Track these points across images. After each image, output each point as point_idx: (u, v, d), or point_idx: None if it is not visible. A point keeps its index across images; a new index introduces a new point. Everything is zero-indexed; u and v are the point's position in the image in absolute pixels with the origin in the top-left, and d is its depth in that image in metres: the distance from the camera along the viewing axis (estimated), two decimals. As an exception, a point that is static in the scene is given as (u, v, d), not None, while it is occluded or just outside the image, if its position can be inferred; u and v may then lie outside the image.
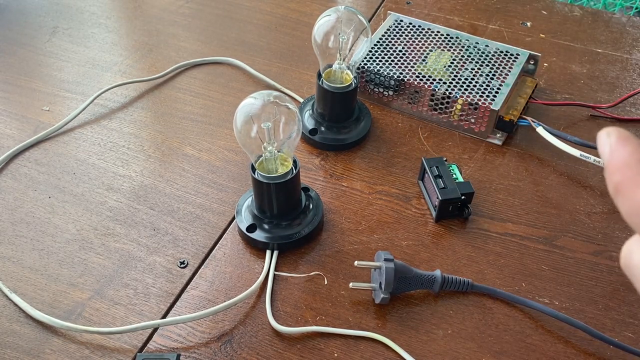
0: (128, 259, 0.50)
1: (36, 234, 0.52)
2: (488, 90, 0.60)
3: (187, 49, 0.73)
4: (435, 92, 0.60)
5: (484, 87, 0.60)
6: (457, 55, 0.64)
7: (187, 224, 0.53)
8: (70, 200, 0.55)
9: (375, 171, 0.58)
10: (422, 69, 0.62)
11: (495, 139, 0.61)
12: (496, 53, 0.64)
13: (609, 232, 0.52)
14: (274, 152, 0.48)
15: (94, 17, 0.79)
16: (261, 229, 0.51)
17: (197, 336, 0.45)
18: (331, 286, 0.48)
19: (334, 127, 0.60)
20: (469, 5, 0.80)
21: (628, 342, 0.45)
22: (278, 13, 0.80)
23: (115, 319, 0.46)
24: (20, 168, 0.58)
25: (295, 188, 0.51)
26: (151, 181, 0.57)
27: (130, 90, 0.67)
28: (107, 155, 0.60)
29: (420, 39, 0.66)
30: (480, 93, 0.60)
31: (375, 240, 0.52)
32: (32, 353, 0.44)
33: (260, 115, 0.46)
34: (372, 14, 0.79)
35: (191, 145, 0.61)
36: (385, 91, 0.63)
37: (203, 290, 0.48)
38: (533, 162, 0.59)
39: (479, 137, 0.61)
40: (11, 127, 0.63)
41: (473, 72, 0.62)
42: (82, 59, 0.72)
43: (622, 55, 0.72)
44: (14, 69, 0.70)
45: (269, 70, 0.70)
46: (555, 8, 0.79)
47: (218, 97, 0.67)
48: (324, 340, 0.45)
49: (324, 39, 0.56)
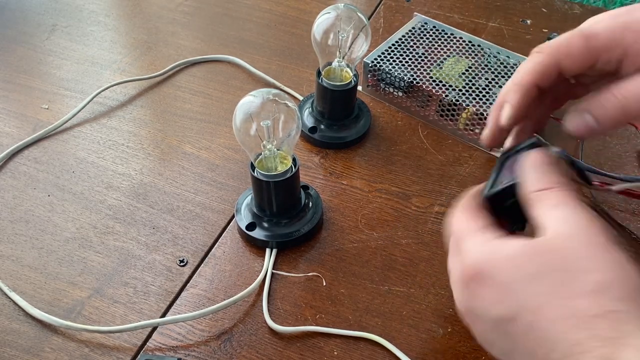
0: (127, 258, 0.50)
1: (35, 232, 0.52)
2: None
3: (186, 47, 0.73)
4: (444, 98, 0.59)
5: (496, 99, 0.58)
6: (474, 64, 0.63)
7: (187, 222, 0.53)
8: (70, 199, 0.55)
9: (375, 169, 0.58)
10: (436, 74, 0.62)
11: (498, 153, 0.59)
12: (515, 65, 0.62)
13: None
14: (274, 150, 0.48)
15: (93, 15, 0.78)
16: (261, 227, 0.51)
17: (197, 334, 0.45)
18: (331, 284, 0.48)
19: (334, 125, 0.60)
20: (469, 2, 0.80)
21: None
22: (277, 11, 0.79)
23: (115, 318, 0.46)
24: (20, 166, 0.58)
25: (295, 186, 0.51)
26: (150, 179, 0.57)
27: (129, 88, 0.67)
28: (107, 154, 0.59)
29: (441, 43, 0.65)
30: (490, 104, 0.58)
31: (375, 238, 0.52)
32: (31, 351, 0.44)
33: (259, 113, 0.46)
34: (372, 12, 0.79)
35: (190, 144, 0.61)
36: (396, 91, 0.63)
37: (202, 289, 0.48)
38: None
39: (482, 148, 0.60)
40: (10, 125, 0.62)
41: (487, 81, 0.61)
42: (81, 57, 0.72)
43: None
44: (13, 67, 0.70)
45: (269, 68, 0.69)
46: (555, 5, 0.79)
47: (217, 95, 0.66)
48: (323, 339, 0.45)
49: (323, 36, 0.56)
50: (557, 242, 0.30)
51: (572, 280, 0.28)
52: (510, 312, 0.30)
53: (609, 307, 0.27)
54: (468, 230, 0.33)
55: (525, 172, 0.33)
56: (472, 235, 0.33)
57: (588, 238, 0.29)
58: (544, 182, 0.32)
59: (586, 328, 0.27)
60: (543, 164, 0.33)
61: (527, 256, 0.30)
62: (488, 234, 0.33)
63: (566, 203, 0.31)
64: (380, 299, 0.47)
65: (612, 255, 0.29)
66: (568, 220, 0.30)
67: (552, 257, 0.29)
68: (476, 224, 0.34)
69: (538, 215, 0.32)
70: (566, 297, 0.28)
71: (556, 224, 0.30)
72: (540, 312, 0.29)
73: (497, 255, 0.31)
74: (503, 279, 0.30)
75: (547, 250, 0.30)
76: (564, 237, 0.30)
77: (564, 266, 0.29)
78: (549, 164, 0.33)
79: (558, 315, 0.28)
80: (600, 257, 0.29)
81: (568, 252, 0.29)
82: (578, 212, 0.30)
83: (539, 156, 0.33)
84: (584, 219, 0.30)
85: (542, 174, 0.33)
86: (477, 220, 0.34)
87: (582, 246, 0.29)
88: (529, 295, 0.29)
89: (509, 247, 0.31)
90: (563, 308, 0.28)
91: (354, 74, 0.58)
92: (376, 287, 0.48)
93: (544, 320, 0.28)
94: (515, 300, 0.29)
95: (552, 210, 0.31)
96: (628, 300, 0.27)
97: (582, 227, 0.30)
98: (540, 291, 0.29)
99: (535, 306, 0.29)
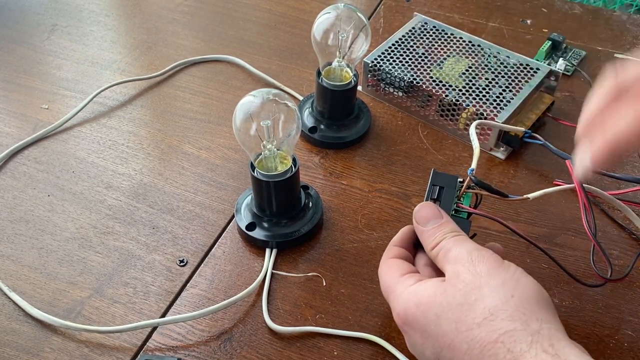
0: (127, 258, 0.50)
1: (35, 232, 0.52)
2: (498, 102, 0.58)
3: (186, 47, 0.73)
4: (444, 98, 0.59)
5: (495, 99, 0.58)
6: (474, 64, 0.62)
7: (187, 222, 0.53)
8: (70, 199, 0.55)
9: (374, 169, 0.58)
10: (436, 74, 0.61)
11: (498, 152, 0.59)
12: (515, 65, 0.62)
13: (608, 230, 0.52)
14: (274, 150, 0.48)
15: (93, 15, 0.78)
16: (261, 227, 0.51)
17: (197, 335, 0.45)
18: (331, 284, 0.48)
19: (334, 125, 0.60)
20: (469, 2, 0.80)
21: (628, 339, 0.45)
22: (277, 11, 0.79)
23: (115, 318, 0.46)
24: (19, 166, 0.58)
25: (295, 186, 0.50)
26: (150, 179, 0.57)
27: (129, 88, 0.67)
28: (106, 154, 0.59)
29: (441, 43, 0.65)
30: (489, 104, 0.58)
31: (375, 238, 0.52)
32: (31, 351, 0.44)
33: (259, 113, 0.46)
34: (372, 12, 0.79)
35: (190, 144, 0.61)
36: (396, 91, 0.63)
37: (202, 289, 0.48)
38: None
39: (482, 148, 0.59)
40: (10, 125, 0.62)
41: (487, 81, 0.60)
42: (81, 57, 0.72)
43: (623, 53, 0.71)
44: (13, 67, 0.70)
45: (269, 68, 0.69)
46: (555, 5, 0.79)
47: (217, 95, 0.66)
48: (323, 339, 0.45)
49: (323, 36, 0.56)
50: (454, 279, 0.35)
51: (469, 311, 0.33)
52: (434, 352, 0.35)
53: (501, 330, 0.31)
54: (391, 282, 0.39)
55: (420, 233, 0.40)
56: (394, 287, 0.38)
57: (475, 269, 0.34)
58: (431, 241, 0.38)
59: (490, 355, 0.31)
60: (428, 222, 0.39)
61: (432, 297, 0.35)
62: (406, 282, 0.38)
63: (452, 247, 0.37)
64: (380, 299, 0.47)
65: (496, 278, 0.34)
66: (458, 261, 0.35)
67: (452, 293, 0.34)
68: (396, 274, 0.39)
69: (440, 266, 0.37)
70: (466, 330, 0.32)
71: (451, 267, 0.36)
72: (453, 348, 0.33)
73: (411, 303, 0.36)
74: (421, 324, 0.35)
75: (448, 287, 0.34)
76: (457, 276, 0.35)
77: (462, 300, 0.33)
78: (433, 217, 0.39)
79: (465, 349, 0.32)
80: (485, 283, 0.33)
81: (463, 285, 0.34)
82: (465, 249, 0.36)
83: (423, 215, 0.40)
84: (470, 254, 0.35)
85: (428, 236, 0.39)
86: (395, 270, 0.39)
87: (474, 278, 0.34)
88: (440, 335, 0.34)
89: (420, 293, 0.36)
90: (468, 342, 0.32)
91: (354, 74, 0.58)
92: (376, 287, 0.48)
93: (459, 354, 0.33)
94: (435, 340, 0.34)
95: (445, 257, 0.37)
96: (515, 317, 0.32)
97: (469, 261, 0.35)
98: (446, 329, 0.33)
99: (448, 343, 0.33)
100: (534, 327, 0.31)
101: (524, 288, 0.33)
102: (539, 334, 0.31)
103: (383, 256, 0.42)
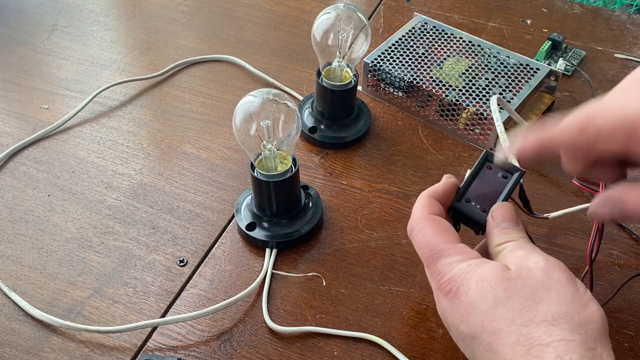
0: (127, 258, 0.50)
1: (35, 232, 0.52)
2: None
3: (186, 47, 0.73)
4: (444, 98, 0.59)
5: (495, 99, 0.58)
6: (474, 63, 0.62)
7: (187, 222, 0.53)
8: (70, 199, 0.55)
9: (374, 169, 0.58)
10: (436, 74, 0.61)
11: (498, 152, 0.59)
12: (515, 65, 0.62)
13: (608, 230, 0.52)
14: (274, 150, 0.48)
15: (92, 15, 0.78)
16: (260, 227, 0.51)
17: (197, 335, 0.45)
18: (331, 284, 0.48)
19: (334, 125, 0.60)
20: (469, 2, 0.80)
21: (628, 339, 0.45)
22: (277, 11, 0.79)
23: (115, 318, 0.46)
24: (19, 166, 0.58)
25: (295, 186, 0.51)
26: (150, 179, 0.57)
27: (129, 88, 0.67)
28: (106, 154, 0.59)
29: (441, 43, 0.65)
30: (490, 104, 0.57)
31: (375, 238, 0.52)
32: (31, 351, 0.44)
33: (259, 113, 0.46)
34: (372, 12, 0.79)
35: (190, 144, 0.61)
36: (396, 91, 0.63)
37: (202, 289, 0.48)
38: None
39: (483, 148, 0.59)
40: (10, 125, 0.62)
41: (487, 81, 0.60)
42: (81, 57, 0.72)
43: (623, 53, 0.71)
44: (13, 67, 0.70)
45: (269, 68, 0.69)
46: (555, 5, 0.79)
47: (217, 95, 0.66)
48: (323, 339, 0.45)
49: (323, 36, 0.56)
50: (524, 272, 0.33)
51: (532, 308, 0.32)
52: (473, 331, 0.33)
53: (559, 337, 0.31)
54: (443, 245, 0.37)
55: (491, 227, 0.38)
56: (447, 251, 0.36)
57: (549, 273, 0.33)
58: (502, 238, 0.37)
59: (535, 356, 0.30)
60: (504, 221, 0.38)
61: (497, 279, 0.33)
62: (463, 251, 0.36)
63: (524, 247, 0.36)
64: (380, 299, 0.47)
65: (567, 290, 0.33)
66: (529, 258, 0.34)
67: (520, 284, 0.33)
68: (446, 237, 0.37)
69: (501, 260, 0.36)
70: (522, 323, 0.32)
71: (521, 262, 0.34)
72: (497, 336, 0.32)
73: (473, 275, 0.34)
74: (471, 299, 0.34)
75: (516, 277, 0.33)
76: (528, 270, 0.33)
77: (528, 294, 0.32)
78: (510, 219, 0.38)
79: (511, 342, 0.31)
80: (556, 290, 0.33)
81: (533, 282, 0.33)
82: (539, 253, 0.35)
83: (501, 212, 0.38)
84: (547, 259, 0.34)
85: (500, 232, 0.38)
86: (443, 232, 0.37)
87: (547, 280, 0.33)
88: (490, 319, 0.33)
89: (486, 269, 0.34)
90: (518, 335, 0.31)
91: (354, 74, 0.58)
92: (376, 287, 0.48)
93: (499, 344, 0.32)
94: (481, 320, 0.33)
95: (513, 252, 0.35)
96: (576, 332, 0.31)
97: (545, 263, 0.34)
98: (502, 315, 0.32)
99: (495, 329, 0.32)
100: (590, 345, 0.31)
101: (592, 311, 0.32)
102: (594, 351, 0.30)
103: (420, 208, 0.39)
